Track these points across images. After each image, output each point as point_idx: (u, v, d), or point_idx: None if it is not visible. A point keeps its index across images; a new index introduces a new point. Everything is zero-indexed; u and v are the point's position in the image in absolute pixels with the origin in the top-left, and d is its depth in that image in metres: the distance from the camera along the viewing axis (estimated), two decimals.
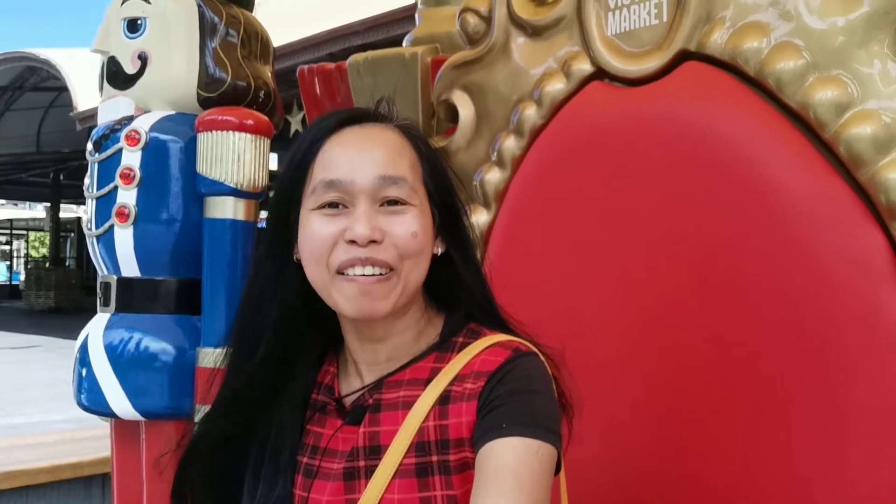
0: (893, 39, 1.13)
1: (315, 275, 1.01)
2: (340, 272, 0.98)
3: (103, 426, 2.65)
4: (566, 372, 1.06)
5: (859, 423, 1.13)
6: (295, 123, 10.32)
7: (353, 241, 0.97)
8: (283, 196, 1.03)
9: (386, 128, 1.05)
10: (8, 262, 34.65)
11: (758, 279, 1.22)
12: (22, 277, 29.04)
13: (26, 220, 35.98)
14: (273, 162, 2.38)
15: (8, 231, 34.82)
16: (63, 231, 27.42)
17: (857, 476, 1.14)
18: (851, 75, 1.16)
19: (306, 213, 1.01)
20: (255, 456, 1.07)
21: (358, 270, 0.97)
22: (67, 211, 28.40)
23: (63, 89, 15.14)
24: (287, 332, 1.06)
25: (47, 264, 24.67)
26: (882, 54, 1.14)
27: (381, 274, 0.97)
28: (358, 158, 0.99)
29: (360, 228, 0.96)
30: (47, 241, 28.31)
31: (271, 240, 1.05)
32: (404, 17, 7.82)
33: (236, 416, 1.07)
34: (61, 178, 22.44)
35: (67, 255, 29.50)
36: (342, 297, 0.99)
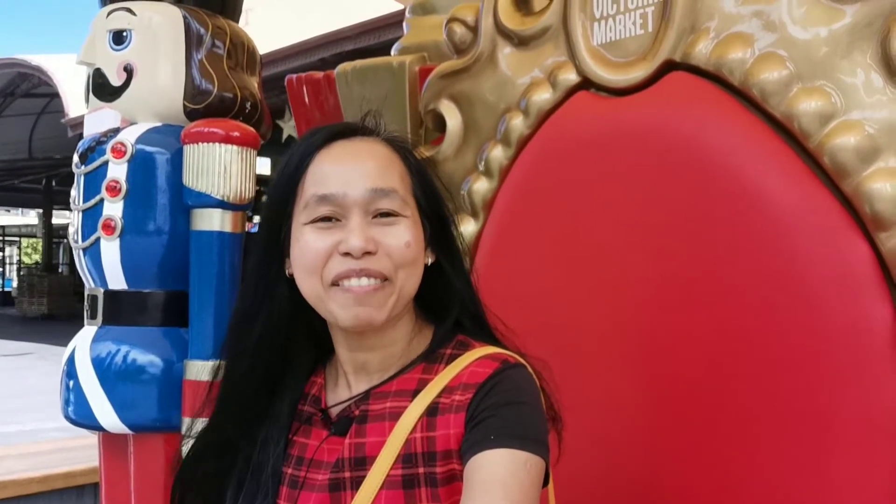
0: (876, 50, 1.13)
1: (309, 287, 1.01)
2: (335, 284, 0.98)
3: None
4: (554, 384, 1.06)
5: (846, 432, 1.13)
6: (287, 129, 10.28)
7: (347, 254, 0.97)
8: (274, 212, 1.04)
9: (374, 141, 1.05)
10: (0, 269, 34.50)
11: (743, 289, 1.22)
12: (14, 284, 28.94)
13: (19, 226, 35.87)
14: (266, 167, 2.37)
15: (0, 237, 34.69)
16: (56, 237, 27.26)
17: (844, 485, 1.13)
18: (835, 86, 1.16)
19: (298, 227, 1.01)
20: (238, 471, 1.07)
21: (354, 282, 0.98)
22: (60, 217, 28.24)
23: (55, 95, 15.08)
24: (275, 347, 1.06)
25: (40, 271, 24.55)
26: (865, 65, 1.14)
27: (376, 283, 0.98)
28: (349, 172, 1.00)
29: (355, 240, 0.97)
30: (40, 248, 28.25)
31: (262, 255, 1.06)
32: (395, 22, 7.82)
33: (226, 433, 1.07)
34: (53, 184, 22.34)
35: (60, 261, 29.34)
36: (338, 308, 0.99)
